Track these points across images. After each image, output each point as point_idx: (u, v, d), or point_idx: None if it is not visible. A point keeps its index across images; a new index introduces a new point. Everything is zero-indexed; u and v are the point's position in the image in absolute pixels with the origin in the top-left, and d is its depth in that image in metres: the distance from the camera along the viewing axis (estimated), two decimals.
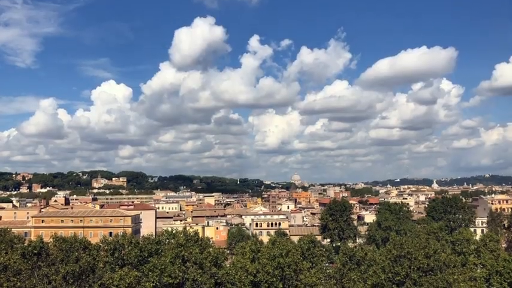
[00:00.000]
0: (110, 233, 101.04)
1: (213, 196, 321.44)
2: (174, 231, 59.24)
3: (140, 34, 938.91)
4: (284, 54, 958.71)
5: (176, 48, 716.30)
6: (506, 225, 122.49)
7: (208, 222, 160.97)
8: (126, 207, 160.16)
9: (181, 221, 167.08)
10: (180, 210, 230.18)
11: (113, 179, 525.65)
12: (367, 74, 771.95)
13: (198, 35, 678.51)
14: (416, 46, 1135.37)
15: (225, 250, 69.79)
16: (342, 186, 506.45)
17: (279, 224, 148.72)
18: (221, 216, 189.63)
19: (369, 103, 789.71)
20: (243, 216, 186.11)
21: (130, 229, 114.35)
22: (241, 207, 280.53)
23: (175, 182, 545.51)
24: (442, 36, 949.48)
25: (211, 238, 76.27)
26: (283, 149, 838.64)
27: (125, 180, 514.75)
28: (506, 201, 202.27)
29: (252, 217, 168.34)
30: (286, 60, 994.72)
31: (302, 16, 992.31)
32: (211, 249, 54.51)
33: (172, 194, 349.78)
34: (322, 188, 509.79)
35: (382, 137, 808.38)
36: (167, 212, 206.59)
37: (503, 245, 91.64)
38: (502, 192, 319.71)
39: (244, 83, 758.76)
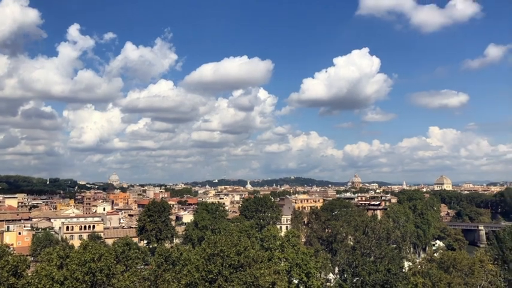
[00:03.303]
0: None
1: (16, 198, 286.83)
2: None
3: None
4: (107, 48, 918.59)
5: None
6: (306, 222, 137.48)
7: (8, 227, 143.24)
8: None
9: None
10: None
11: None
12: (192, 76, 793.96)
13: (7, 14, 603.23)
14: (238, 55, 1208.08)
15: (28, 257, 62.83)
16: (162, 187, 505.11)
17: (93, 226, 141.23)
18: (25, 219, 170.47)
19: (193, 105, 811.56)
20: (52, 220, 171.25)
21: None
22: (50, 209, 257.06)
23: None
24: (261, 48, 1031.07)
25: (12, 245, 67.91)
26: (101, 148, 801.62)
27: None
28: (307, 200, 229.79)
29: (63, 220, 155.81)
30: (109, 54, 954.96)
31: (128, 10, 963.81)
32: (10, 257, 48.63)
33: None
34: (142, 188, 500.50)
35: (203, 139, 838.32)
36: None
37: (302, 240, 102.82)
38: (304, 193, 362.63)
39: (60, 73, 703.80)
